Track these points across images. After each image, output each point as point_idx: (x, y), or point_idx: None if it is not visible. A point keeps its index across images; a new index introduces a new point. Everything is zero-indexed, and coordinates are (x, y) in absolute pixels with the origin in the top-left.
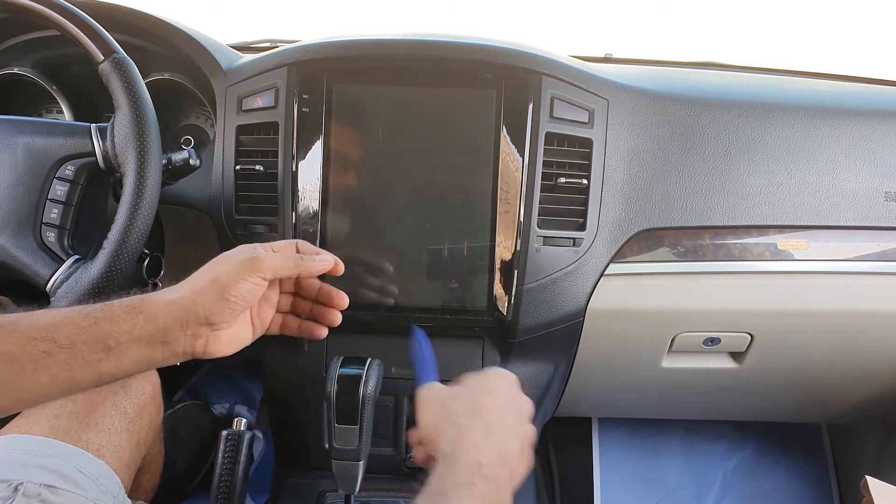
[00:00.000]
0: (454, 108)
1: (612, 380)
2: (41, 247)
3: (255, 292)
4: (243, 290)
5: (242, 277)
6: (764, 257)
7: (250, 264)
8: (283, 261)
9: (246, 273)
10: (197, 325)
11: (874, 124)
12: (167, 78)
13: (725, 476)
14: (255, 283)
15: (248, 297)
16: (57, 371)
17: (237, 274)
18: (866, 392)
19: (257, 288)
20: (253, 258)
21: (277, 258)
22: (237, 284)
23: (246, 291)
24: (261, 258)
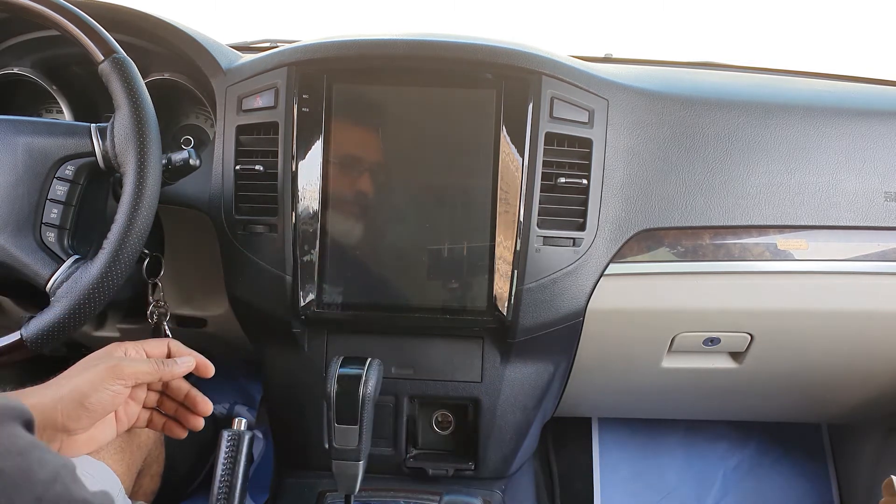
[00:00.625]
0: (454, 108)
1: (612, 380)
2: (41, 247)
3: (115, 400)
4: (103, 398)
5: (104, 386)
6: (764, 257)
7: (112, 371)
8: (145, 366)
9: (107, 381)
10: (53, 430)
11: (874, 124)
12: (167, 78)
13: (725, 476)
14: (115, 392)
15: (108, 405)
16: None
17: (98, 382)
18: (866, 392)
19: (118, 396)
20: (115, 366)
21: (140, 364)
22: (97, 393)
23: (106, 400)
24: (122, 366)
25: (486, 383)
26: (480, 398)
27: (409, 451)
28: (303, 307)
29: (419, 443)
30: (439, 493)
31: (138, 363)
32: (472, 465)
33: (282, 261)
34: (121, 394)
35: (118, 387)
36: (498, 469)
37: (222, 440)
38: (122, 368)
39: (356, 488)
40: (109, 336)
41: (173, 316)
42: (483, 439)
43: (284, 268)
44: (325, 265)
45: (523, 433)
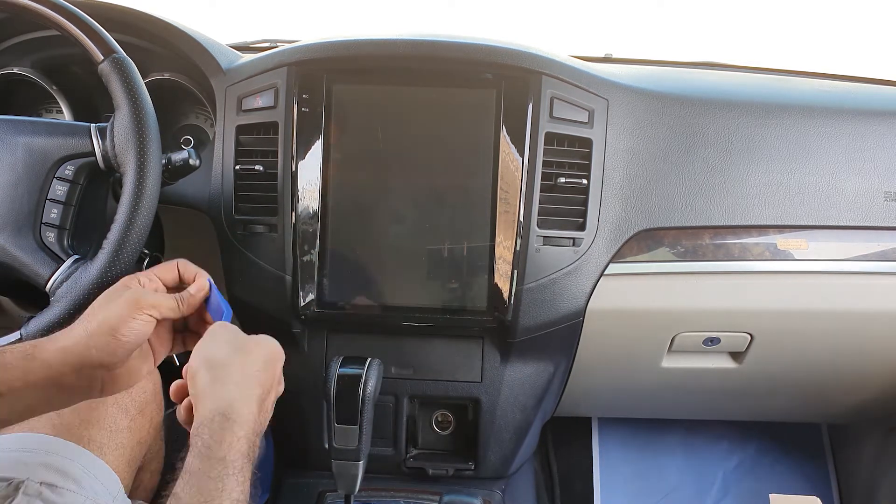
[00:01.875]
0: (454, 108)
1: (612, 380)
2: (41, 247)
3: (145, 328)
4: (134, 327)
5: (133, 316)
6: (764, 257)
7: (133, 304)
8: (166, 302)
9: (135, 312)
10: (91, 368)
11: (874, 124)
12: (167, 78)
13: (725, 476)
14: (144, 321)
15: (139, 333)
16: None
17: (125, 313)
18: (866, 392)
19: (147, 324)
20: (135, 299)
21: (160, 299)
22: (125, 324)
23: (136, 329)
24: (140, 298)
25: (486, 383)
26: (480, 398)
27: (409, 451)
28: (303, 307)
29: (419, 443)
30: (439, 493)
31: (158, 297)
32: (471, 465)
33: (282, 261)
34: (149, 322)
35: (146, 316)
36: (498, 469)
37: None
38: (141, 301)
39: (356, 488)
40: None
41: None
42: (483, 439)
43: (284, 268)
44: (325, 265)
45: (523, 433)
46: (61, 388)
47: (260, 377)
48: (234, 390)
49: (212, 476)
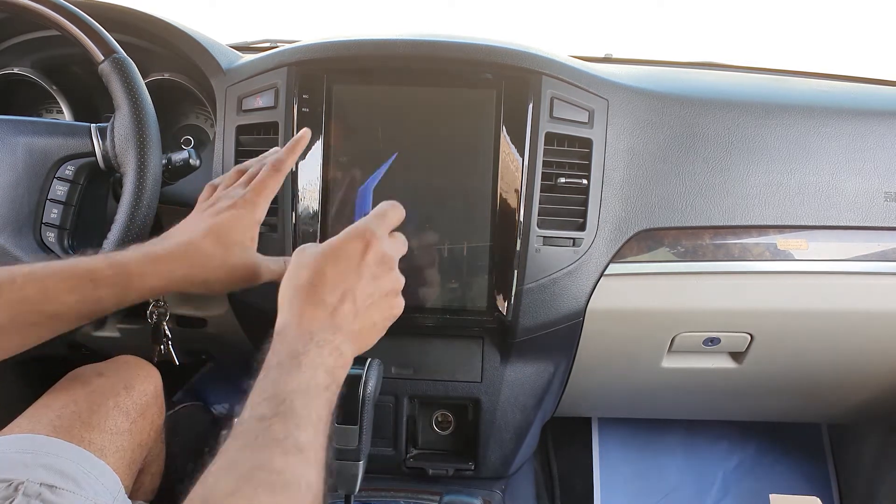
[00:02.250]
0: (454, 108)
1: (612, 380)
2: (41, 247)
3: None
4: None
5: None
6: (764, 257)
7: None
8: (272, 183)
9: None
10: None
11: (874, 124)
12: (167, 78)
13: (725, 476)
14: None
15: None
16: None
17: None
18: (866, 392)
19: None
20: (251, 211)
21: (267, 192)
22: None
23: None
24: (256, 207)
25: (486, 383)
26: (480, 398)
27: (409, 451)
28: None
29: (419, 443)
30: (439, 493)
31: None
32: (472, 465)
33: None
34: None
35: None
36: (498, 469)
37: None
38: (256, 210)
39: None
40: (109, 336)
41: (173, 316)
42: (483, 439)
43: None
44: None
45: (523, 433)
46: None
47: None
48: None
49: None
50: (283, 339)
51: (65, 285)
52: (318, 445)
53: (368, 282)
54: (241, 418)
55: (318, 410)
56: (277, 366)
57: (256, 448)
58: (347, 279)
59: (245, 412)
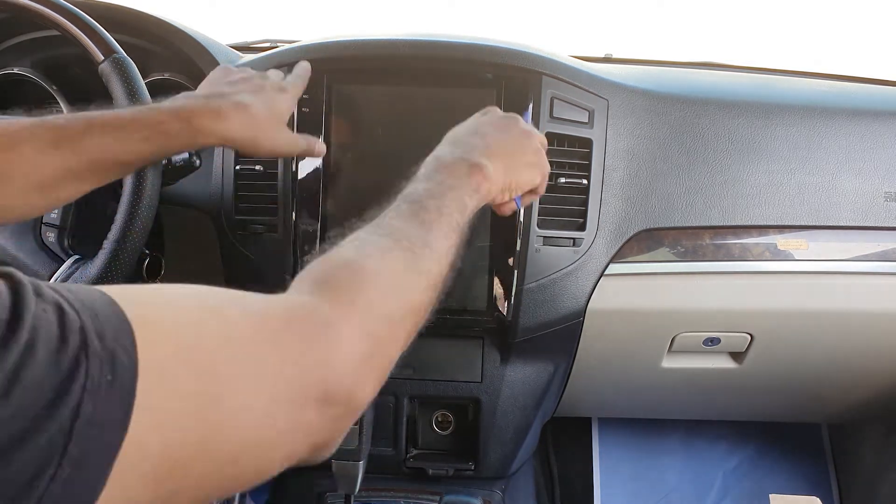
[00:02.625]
0: (454, 107)
1: (612, 380)
2: (41, 247)
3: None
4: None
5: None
6: (764, 257)
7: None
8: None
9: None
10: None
11: (874, 124)
12: (167, 78)
13: (725, 476)
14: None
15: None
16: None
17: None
18: (866, 392)
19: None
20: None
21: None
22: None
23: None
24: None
25: (486, 383)
26: (480, 398)
27: (409, 451)
28: None
29: (419, 443)
30: (439, 493)
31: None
32: (472, 465)
33: (282, 261)
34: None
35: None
36: (498, 469)
37: None
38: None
39: (356, 488)
40: None
41: None
42: (483, 439)
43: (284, 268)
44: None
45: (523, 433)
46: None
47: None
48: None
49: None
50: (441, 148)
51: (140, 135)
52: (447, 224)
53: (517, 139)
54: (395, 205)
55: (448, 202)
56: (436, 161)
57: (375, 223)
58: (512, 126)
59: (400, 199)
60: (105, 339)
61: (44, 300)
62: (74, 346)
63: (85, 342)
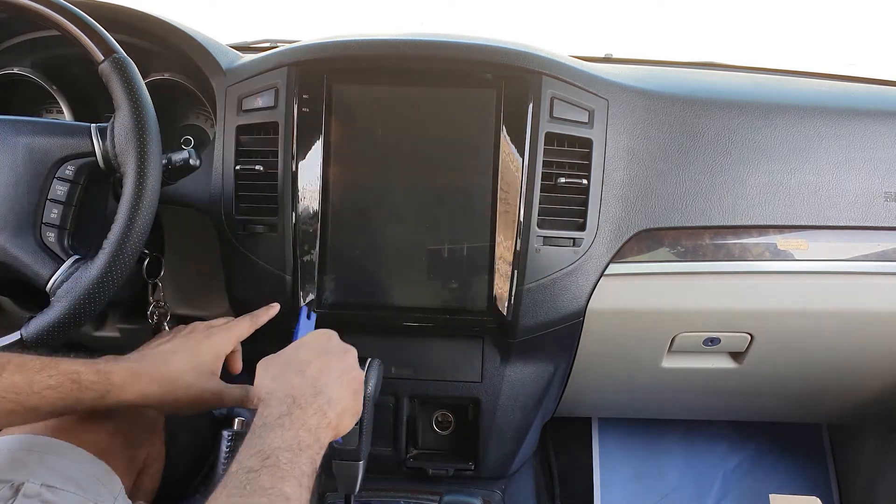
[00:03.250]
0: (454, 108)
1: (612, 380)
2: (41, 247)
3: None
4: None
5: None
6: (764, 257)
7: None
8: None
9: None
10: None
11: (874, 124)
12: (167, 78)
13: (725, 476)
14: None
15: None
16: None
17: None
18: (866, 392)
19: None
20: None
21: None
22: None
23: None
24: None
25: (486, 383)
26: (480, 398)
27: (409, 451)
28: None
29: (419, 443)
30: (439, 493)
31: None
32: (472, 465)
33: (282, 261)
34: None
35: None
36: (498, 469)
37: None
38: (226, 342)
39: (356, 488)
40: (110, 336)
41: (173, 316)
42: (483, 439)
43: (284, 268)
44: (325, 265)
45: (523, 433)
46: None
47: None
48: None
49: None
50: (267, 404)
51: (49, 381)
52: (302, 498)
53: (338, 358)
54: (230, 471)
55: (302, 466)
56: (263, 426)
57: (245, 495)
58: (321, 356)
59: (233, 466)
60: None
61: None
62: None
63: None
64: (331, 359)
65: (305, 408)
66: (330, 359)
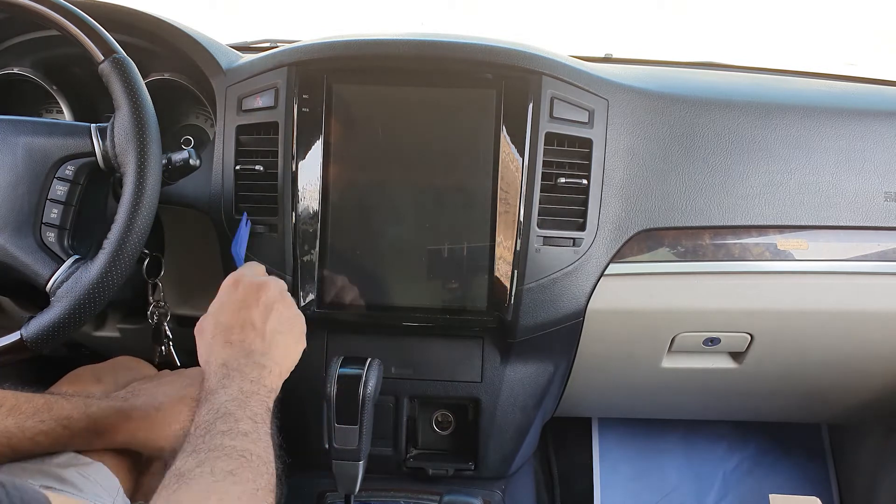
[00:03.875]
0: (454, 108)
1: (612, 380)
2: (41, 247)
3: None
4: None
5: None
6: (764, 257)
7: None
8: None
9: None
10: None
11: (874, 124)
12: (167, 78)
13: (725, 476)
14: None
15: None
16: None
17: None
18: (866, 392)
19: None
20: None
21: None
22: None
23: None
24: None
25: (486, 383)
26: (480, 398)
27: (409, 451)
28: (303, 307)
29: (419, 443)
30: (439, 493)
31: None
32: (472, 465)
33: (282, 261)
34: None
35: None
36: (498, 469)
37: None
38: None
39: (356, 488)
40: (110, 336)
41: (173, 316)
42: (483, 439)
43: (284, 268)
44: (325, 265)
45: (523, 433)
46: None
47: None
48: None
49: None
50: (207, 376)
51: (42, 427)
52: (261, 432)
53: (254, 308)
54: (188, 432)
55: (253, 407)
56: (208, 393)
57: (208, 439)
58: (238, 314)
59: (190, 428)
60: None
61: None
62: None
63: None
64: (251, 313)
65: (240, 369)
66: (250, 313)
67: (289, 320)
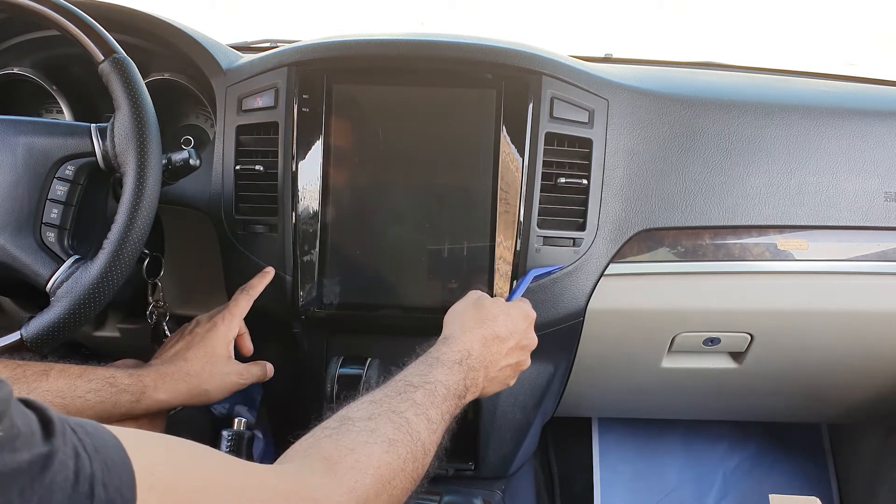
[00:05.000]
0: (454, 108)
1: (612, 380)
2: (41, 247)
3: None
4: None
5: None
6: (764, 257)
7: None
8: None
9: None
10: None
11: (874, 124)
12: (167, 78)
13: (725, 476)
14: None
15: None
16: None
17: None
18: (866, 392)
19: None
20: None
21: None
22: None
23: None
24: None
25: None
26: (480, 398)
27: None
28: (303, 307)
29: None
30: (439, 493)
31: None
32: (472, 465)
33: (282, 261)
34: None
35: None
36: (498, 469)
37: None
38: (231, 325)
39: None
40: (110, 336)
41: (173, 316)
42: (483, 439)
43: (284, 268)
44: (325, 265)
45: (523, 433)
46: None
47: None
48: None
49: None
50: (447, 344)
51: (89, 385)
52: (441, 425)
53: (519, 343)
54: (395, 377)
55: (449, 404)
56: (437, 359)
57: (396, 399)
58: (512, 334)
59: (399, 374)
60: (109, 488)
61: (66, 443)
62: (83, 493)
63: (91, 491)
64: (515, 340)
65: (475, 368)
66: (514, 340)
67: (518, 367)
